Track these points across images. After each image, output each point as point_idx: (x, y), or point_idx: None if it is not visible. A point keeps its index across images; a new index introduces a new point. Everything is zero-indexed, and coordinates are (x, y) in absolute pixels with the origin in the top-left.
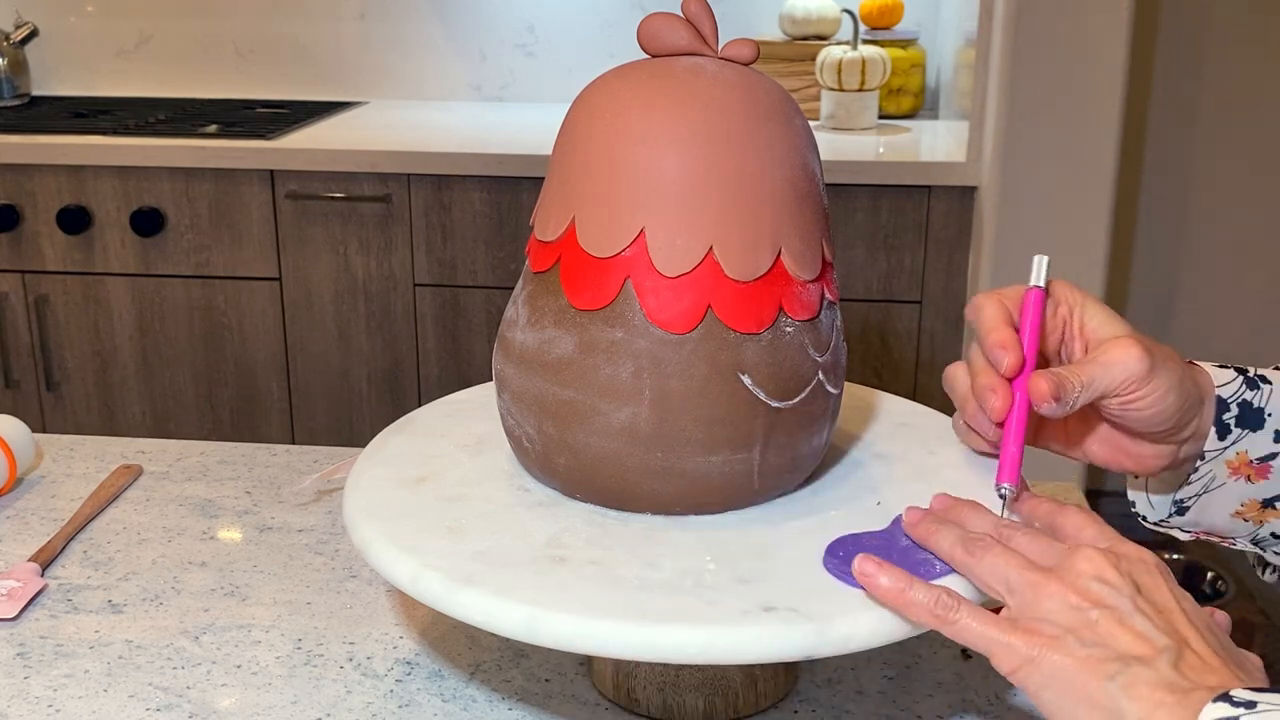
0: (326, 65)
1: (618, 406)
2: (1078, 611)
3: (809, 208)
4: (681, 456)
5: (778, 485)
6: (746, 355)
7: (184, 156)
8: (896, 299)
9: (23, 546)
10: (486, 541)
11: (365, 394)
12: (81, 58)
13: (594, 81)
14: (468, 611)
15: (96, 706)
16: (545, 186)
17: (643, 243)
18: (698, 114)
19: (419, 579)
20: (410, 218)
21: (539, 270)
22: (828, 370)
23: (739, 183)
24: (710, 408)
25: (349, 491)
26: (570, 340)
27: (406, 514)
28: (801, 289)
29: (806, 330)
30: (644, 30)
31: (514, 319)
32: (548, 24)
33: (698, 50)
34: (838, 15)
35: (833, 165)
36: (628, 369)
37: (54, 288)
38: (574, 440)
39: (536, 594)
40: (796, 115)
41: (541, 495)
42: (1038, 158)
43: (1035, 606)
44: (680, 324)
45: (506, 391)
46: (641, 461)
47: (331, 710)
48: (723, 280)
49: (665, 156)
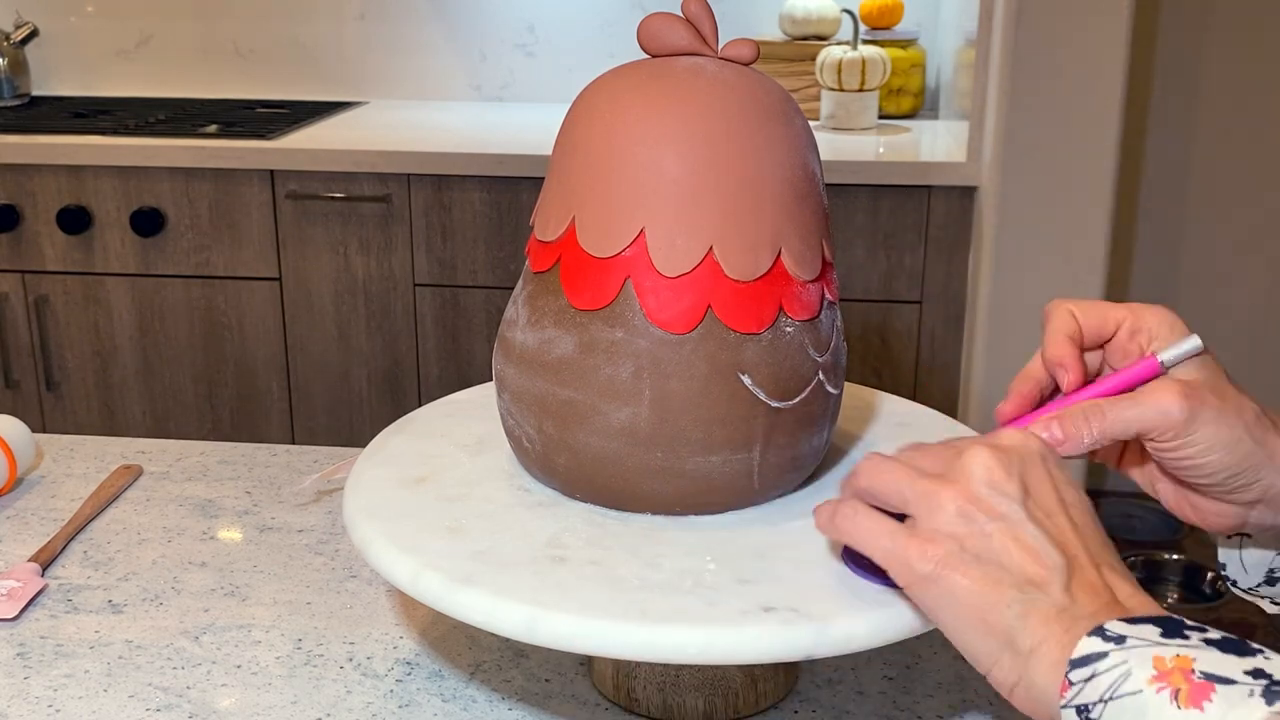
0: (326, 65)
1: (618, 406)
2: (970, 521)
3: (809, 208)
4: (681, 456)
5: (778, 485)
6: (747, 355)
7: (184, 156)
8: (896, 299)
9: (23, 546)
10: (486, 541)
11: (365, 394)
12: (81, 58)
13: (594, 81)
14: (468, 612)
15: (96, 706)
16: (545, 187)
17: (643, 243)
18: (698, 114)
19: (419, 579)
20: (410, 218)
21: (539, 270)
22: (828, 370)
23: (738, 183)
24: (710, 408)
25: (349, 492)
26: (570, 340)
27: (406, 514)
28: (801, 289)
29: (806, 330)
30: (644, 30)
31: (514, 319)
32: (548, 24)
33: (698, 50)
34: (838, 15)
35: (833, 165)
36: (628, 369)
37: (54, 288)
38: (574, 440)
39: (536, 594)
40: (796, 115)
41: (541, 495)
42: (1038, 158)
43: (931, 517)
44: (680, 324)
45: (506, 392)
46: (641, 461)
47: (331, 710)
48: (723, 280)
49: (665, 156)
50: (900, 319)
